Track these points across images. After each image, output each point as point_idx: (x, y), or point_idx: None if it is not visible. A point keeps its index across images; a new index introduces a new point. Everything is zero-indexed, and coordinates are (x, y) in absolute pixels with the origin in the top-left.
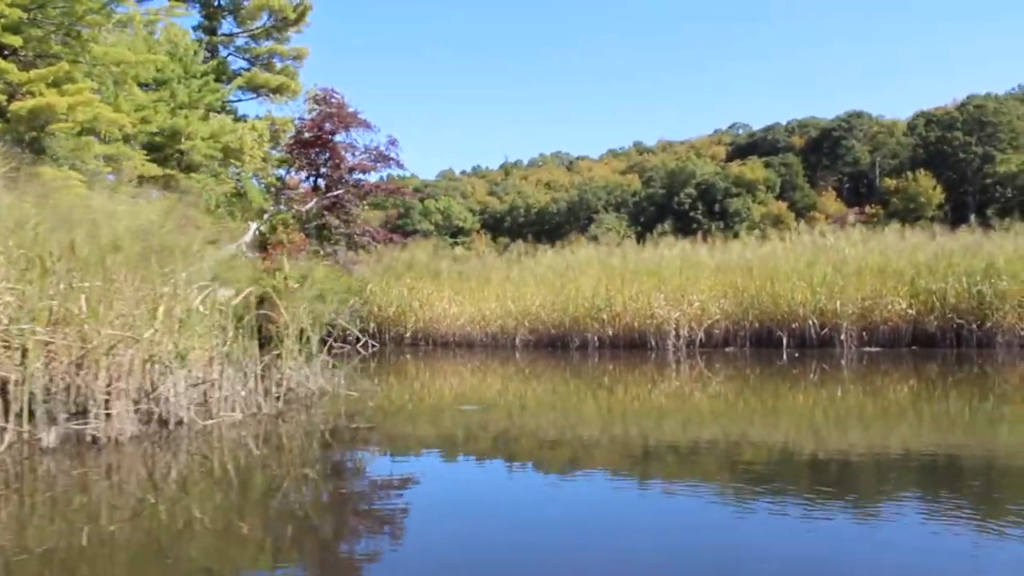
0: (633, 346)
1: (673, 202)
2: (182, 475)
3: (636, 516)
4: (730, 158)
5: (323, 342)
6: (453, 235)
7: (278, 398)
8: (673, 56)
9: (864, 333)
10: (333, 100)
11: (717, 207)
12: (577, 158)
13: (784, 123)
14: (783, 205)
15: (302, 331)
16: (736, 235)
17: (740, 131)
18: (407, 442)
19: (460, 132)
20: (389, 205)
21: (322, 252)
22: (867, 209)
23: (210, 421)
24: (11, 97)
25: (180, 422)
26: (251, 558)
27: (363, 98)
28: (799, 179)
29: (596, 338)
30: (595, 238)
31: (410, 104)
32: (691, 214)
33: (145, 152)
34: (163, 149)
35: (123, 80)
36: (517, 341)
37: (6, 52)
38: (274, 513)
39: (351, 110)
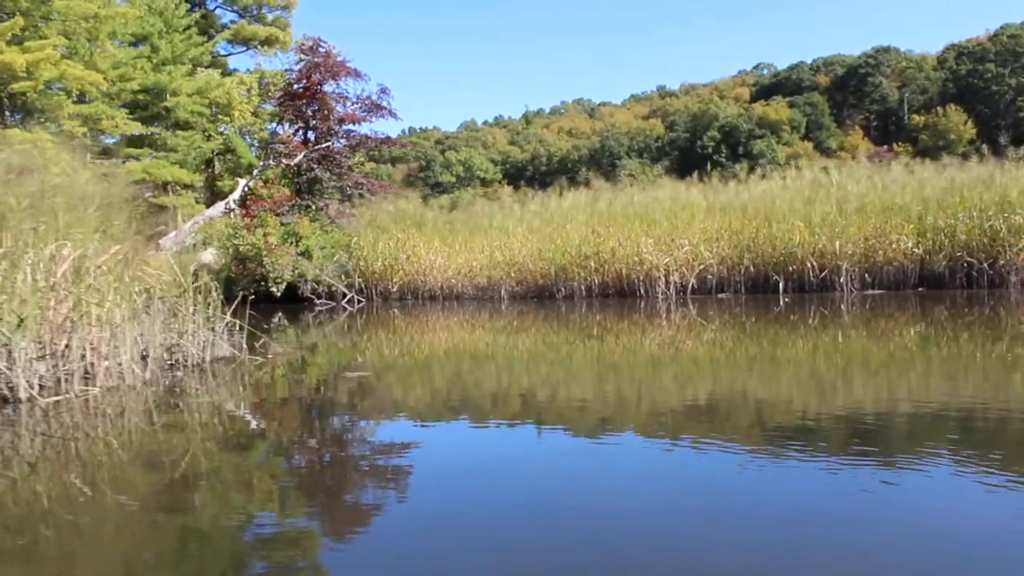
0: (622, 294)
1: (696, 146)
2: None
3: (637, 472)
4: (754, 99)
5: (304, 297)
6: (474, 186)
7: (170, 367)
8: None
9: (867, 275)
10: (321, 50)
11: (741, 149)
12: (599, 104)
13: (809, 62)
14: (809, 145)
15: (200, 286)
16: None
17: (764, 71)
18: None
19: (481, 83)
20: (410, 157)
21: (313, 207)
22: (895, 147)
23: (55, 398)
24: None
25: (20, 399)
26: None
27: (380, 52)
28: (825, 118)
29: (584, 287)
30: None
31: (430, 57)
32: (715, 157)
33: (128, 111)
34: (148, 107)
35: (95, 36)
36: (503, 292)
37: None
38: None
39: (339, 59)
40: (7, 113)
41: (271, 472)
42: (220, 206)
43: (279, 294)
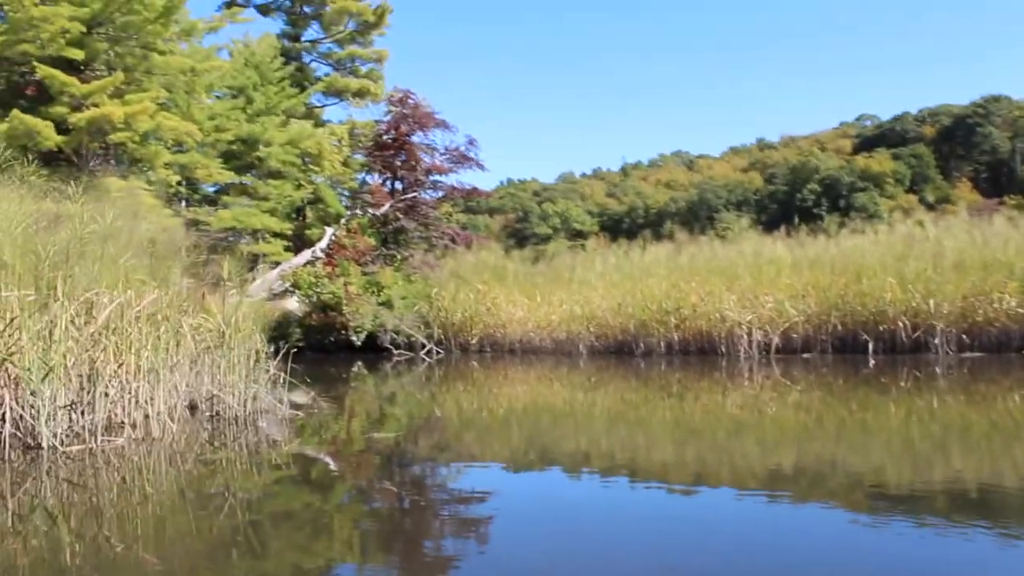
0: (703, 352)
1: (796, 199)
2: None
3: (719, 529)
4: (856, 151)
5: (383, 347)
6: (571, 238)
7: (209, 418)
8: (796, 48)
9: (964, 336)
10: (410, 102)
11: (842, 203)
12: (697, 157)
13: (914, 112)
14: (913, 198)
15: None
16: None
17: (867, 123)
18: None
19: (580, 135)
20: (508, 209)
21: (398, 256)
22: (1007, 200)
23: (75, 447)
24: (76, 109)
25: (41, 446)
26: None
27: (479, 103)
28: (931, 171)
29: (663, 343)
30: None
31: (529, 108)
32: (815, 210)
33: (223, 160)
34: (241, 157)
35: (192, 89)
36: (581, 347)
37: (72, 66)
38: None
39: (427, 110)
40: (112, 162)
41: (245, 539)
42: (307, 254)
43: (359, 343)
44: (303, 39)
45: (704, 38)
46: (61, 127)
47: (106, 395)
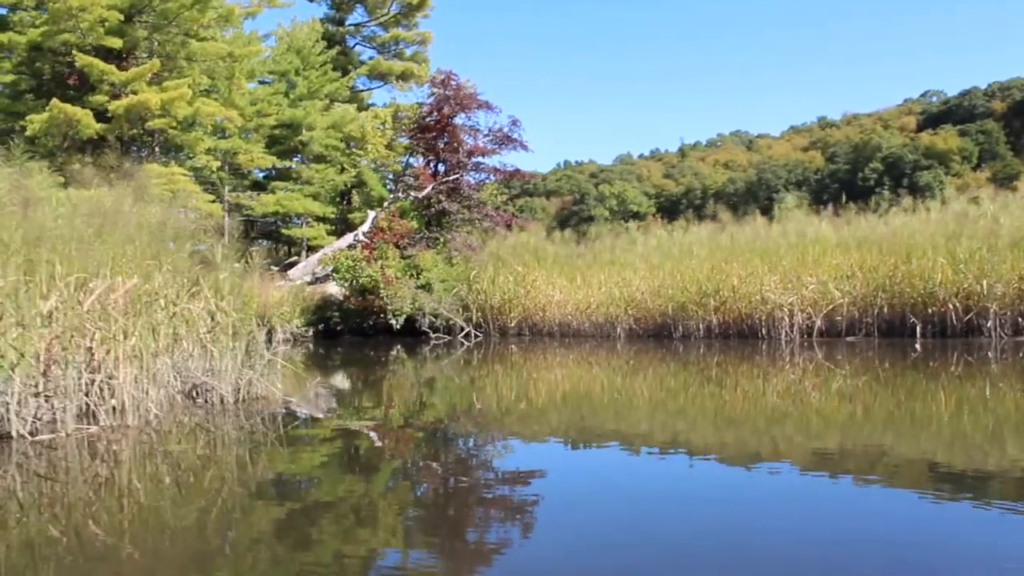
0: (743, 335)
1: (857, 178)
2: None
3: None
4: (921, 128)
5: (421, 331)
6: (627, 220)
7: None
8: (860, 25)
9: (1021, 319)
10: (452, 83)
11: (906, 181)
12: (757, 136)
13: (983, 87)
14: (982, 176)
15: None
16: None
17: (933, 99)
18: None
19: (638, 116)
20: (564, 191)
21: (441, 239)
22: None
23: (47, 436)
24: (115, 98)
25: (11, 436)
26: None
27: (539, 86)
28: (1000, 147)
29: (703, 327)
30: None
31: (587, 90)
32: (876, 190)
33: (266, 145)
34: (284, 142)
35: (231, 74)
36: (619, 330)
37: (114, 55)
38: None
39: (470, 92)
40: (156, 149)
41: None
42: (349, 238)
43: (398, 327)
44: (348, 23)
45: (766, 15)
46: (102, 115)
47: (83, 382)
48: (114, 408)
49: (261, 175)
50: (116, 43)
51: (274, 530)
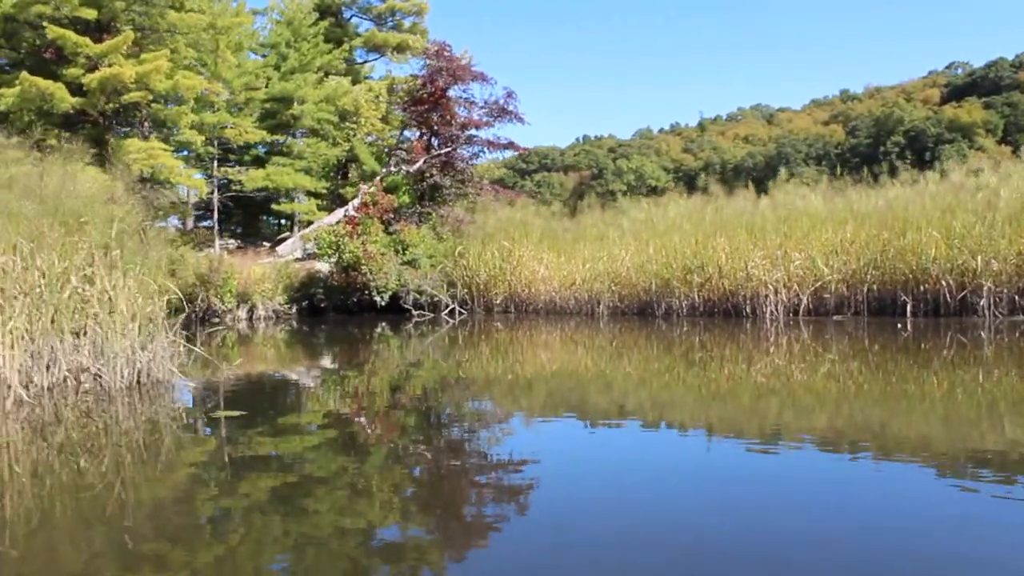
0: (727, 314)
1: (878, 152)
2: None
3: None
4: (945, 101)
5: (400, 309)
6: (646, 194)
7: (78, 391)
8: None
9: (1018, 297)
10: (446, 54)
11: (928, 155)
12: (778, 110)
13: (1010, 58)
14: (1007, 150)
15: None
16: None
17: (959, 71)
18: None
19: (658, 90)
20: (583, 166)
21: (433, 214)
22: None
23: None
24: (92, 70)
25: None
26: None
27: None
28: None
29: (686, 304)
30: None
31: (606, 63)
32: (898, 164)
33: (257, 119)
34: (276, 116)
35: (215, 47)
36: (601, 308)
37: (93, 27)
38: None
39: (463, 63)
40: (145, 124)
41: None
42: (339, 213)
43: (383, 304)
44: None
45: None
46: (78, 89)
47: None
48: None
49: (261, 150)
50: (91, 14)
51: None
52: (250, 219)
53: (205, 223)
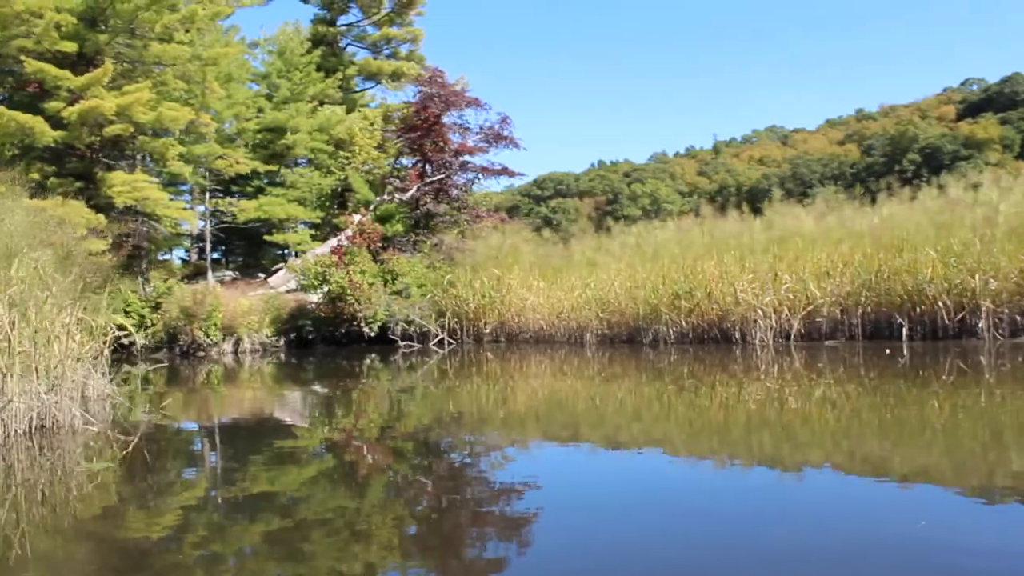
0: (715, 340)
1: (894, 170)
2: None
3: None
4: (960, 117)
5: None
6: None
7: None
8: (897, 14)
9: (1020, 318)
10: (438, 81)
11: (944, 172)
12: (792, 131)
13: None
14: (1023, 165)
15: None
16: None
17: (974, 87)
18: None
19: (673, 115)
20: (598, 191)
21: (427, 242)
22: None
23: None
24: (73, 104)
25: None
26: None
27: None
28: None
29: (673, 332)
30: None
31: (621, 89)
32: (914, 182)
33: (250, 150)
34: (268, 146)
35: (202, 78)
36: (588, 336)
37: (77, 60)
38: None
39: (457, 89)
40: (136, 157)
41: None
42: (332, 242)
43: (371, 335)
44: (340, 23)
45: (802, 8)
46: (59, 123)
47: None
48: None
49: (264, 180)
50: (72, 47)
51: None
52: (252, 249)
53: (215, 254)
